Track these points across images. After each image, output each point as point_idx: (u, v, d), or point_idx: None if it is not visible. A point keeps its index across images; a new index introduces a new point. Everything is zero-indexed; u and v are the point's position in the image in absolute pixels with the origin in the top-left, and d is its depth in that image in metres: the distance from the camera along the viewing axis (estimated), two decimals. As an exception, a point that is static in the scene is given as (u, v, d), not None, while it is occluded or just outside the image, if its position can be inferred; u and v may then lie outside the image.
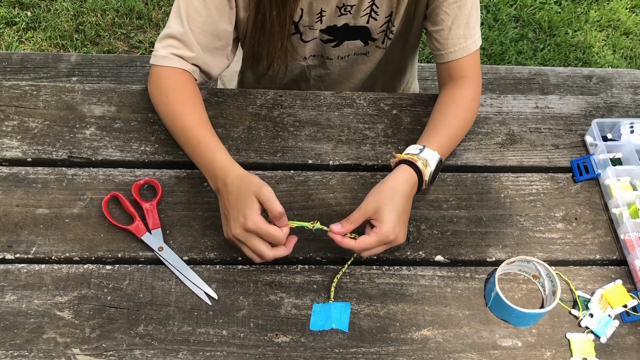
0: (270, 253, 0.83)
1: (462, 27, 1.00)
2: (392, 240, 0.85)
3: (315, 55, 1.12)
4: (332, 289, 0.89)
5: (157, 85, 0.98)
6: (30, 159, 0.99)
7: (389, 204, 0.86)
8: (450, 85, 1.03)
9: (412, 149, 0.93)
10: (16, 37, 2.16)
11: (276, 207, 0.81)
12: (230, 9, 0.98)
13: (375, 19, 1.04)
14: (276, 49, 1.03)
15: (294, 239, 0.86)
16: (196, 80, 1.01)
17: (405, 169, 0.90)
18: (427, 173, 0.91)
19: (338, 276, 0.90)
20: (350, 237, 0.86)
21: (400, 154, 0.93)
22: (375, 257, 0.93)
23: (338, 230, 0.85)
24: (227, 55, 1.04)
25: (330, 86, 1.22)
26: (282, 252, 0.85)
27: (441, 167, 0.94)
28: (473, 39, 1.01)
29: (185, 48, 0.97)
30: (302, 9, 1.01)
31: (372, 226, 0.86)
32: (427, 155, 0.92)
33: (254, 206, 0.82)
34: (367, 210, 0.86)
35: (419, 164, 0.90)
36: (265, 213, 0.83)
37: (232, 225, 0.83)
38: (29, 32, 2.19)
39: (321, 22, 1.04)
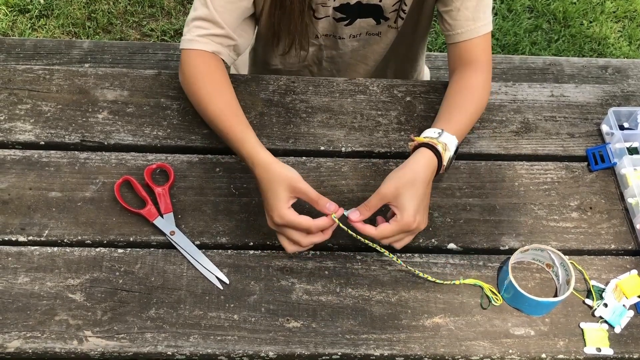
0: (306, 240, 0.83)
1: (471, 10, 1.00)
2: (414, 228, 0.84)
3: (327, 35, 1.12)
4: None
5: (185, 72, 0.98)
6: (43, 143, 0.99)
7: (410, 190, 0.84)
8: (461, 69, 1.03)
9: (431, 132, 0.91)
10: (29, 25, 2.17)
11: (311, 195, 0.83)
12: None
13: None
14: (297, 25, 1.03)
15: (331, 226, 0.85)
16: (225, 61, 1.00)
17: (425, 153, 0.88)
18: (446, 157, 0.89)
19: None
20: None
21: (418, 137, 0.92)
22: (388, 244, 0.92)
23: (356, 219, 0.85)
24: (248, 32, 1.05)
25: (342, 69, 1.21)
26: (318, 238, 0.84)
27: (457, 152, 0.93)
28: (483, 22, 1.01)
29: (214, 27, 0.97)
30: None
31: (392, 212, 0.86)
32: (446, 139, 0.90)
33: (279, 198, 0.82)
34: (385, 195, 0.84)
35: (439, 148, 0.89)
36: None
37: (267, 219, 0.85)
38: (42, 19, 2.19)
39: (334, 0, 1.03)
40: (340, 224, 0.84)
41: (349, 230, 0.85)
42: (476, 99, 0.99)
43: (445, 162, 0.89)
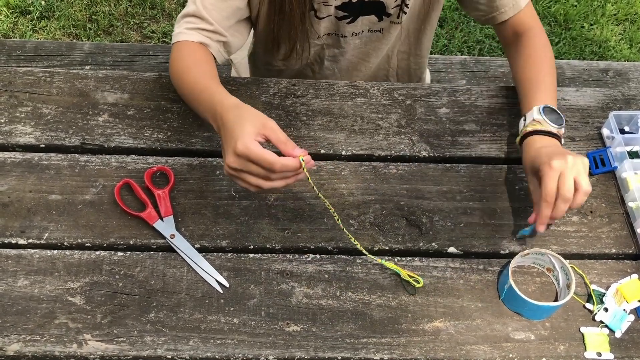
0: (267, 184, 0.78)
1: None
2: (560, 166, 0.83)
3: (329, 34, 1.12)
4: None
5: (171, 61, 0.98)
6: (43, 145, 0.99)
7: (537, 157, 0.87)
8: (518, 41, 1.06)
9: (520, 125, 0.97)
10: (30, 26, 2.17)
11: (280, 136, 0.78)
12: None
13: None
14: (297, 30, 1.04)
15: (295, 173, 0.79)
16: (213, 54, 1.00)
17: (527, 142, 0.93)
18: (545, 126, 0.92)
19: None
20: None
21: (516, 138, 0.97)
22: (388, 248, 0.92)
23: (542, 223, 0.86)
24: (242, 32, 1.05)
25: (344, 68, 1.22)
26: (280, 182, 0.78)
27: (554, 108, 0.94)
28: None
29: (203, 22, 0.98)
30: None
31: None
32: (531, 116, 0.94)
33: (247, 130, 0.76)
34: (532, 181, 0.89)
35: (530, 128, 0.92)
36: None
37: (226, 154, 0.78)
38: (43, 21, 2.19)
39: None
40: (305, 170, 0.78)
41: (311, 182, 0.80)
42: (546, 60, 1.02)
43: (550, 129, 0.92)
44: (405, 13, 1.09)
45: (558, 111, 0.94)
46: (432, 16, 1.14)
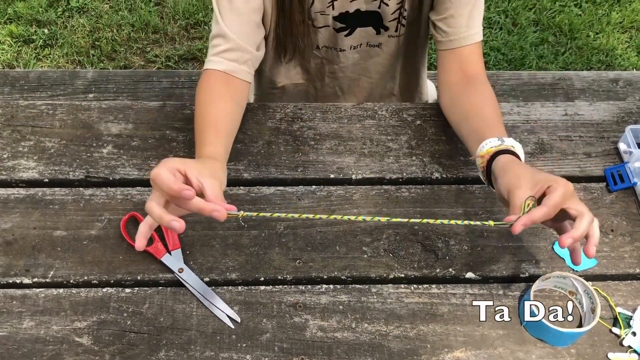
0: (157, 210, 0.71)
1: (465, 17, 1.00)
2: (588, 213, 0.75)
3: (328, 47, 1.11)
4: None
5: (198, 86, 0.98)
6: (47, 180, 0.97)
7: (515, 178, 0.79)
8: (472, 83, 1.01)
9: (493, 142, 0.87)
10: (34, 55, 2.17)
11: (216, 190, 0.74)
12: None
13: (387, 4, 1.04)
14: (298, 27, 1.04)
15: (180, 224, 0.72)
16: (241, 78, 0.98)
17: (502, 159, 0.84)
18: (522, 156, 0.86)
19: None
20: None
21: (482, 152, 0.87)
22: (403, 275, 0.89)
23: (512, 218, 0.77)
24: (262, 48, 1.04)
25: (345, 85, 1.21)
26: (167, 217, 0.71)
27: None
28: (475, 30, 1.02)
29: (226, 42, 0.97)
30: None
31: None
32: (511, 142, 0.87)
33: (173, 162, 0.73)
34: (512, 200, 0.78)
35: (512, 149, 0.86)
36: None
37: (164, 162, 0.73)
38: (46, 49, 2.19)
39: (333, 8, 1.04)
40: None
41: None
42: (497, 109, 0.97)
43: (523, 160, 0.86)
44: (404, 26, 1.09)
45: None
46: (422, 30, 1.13)
